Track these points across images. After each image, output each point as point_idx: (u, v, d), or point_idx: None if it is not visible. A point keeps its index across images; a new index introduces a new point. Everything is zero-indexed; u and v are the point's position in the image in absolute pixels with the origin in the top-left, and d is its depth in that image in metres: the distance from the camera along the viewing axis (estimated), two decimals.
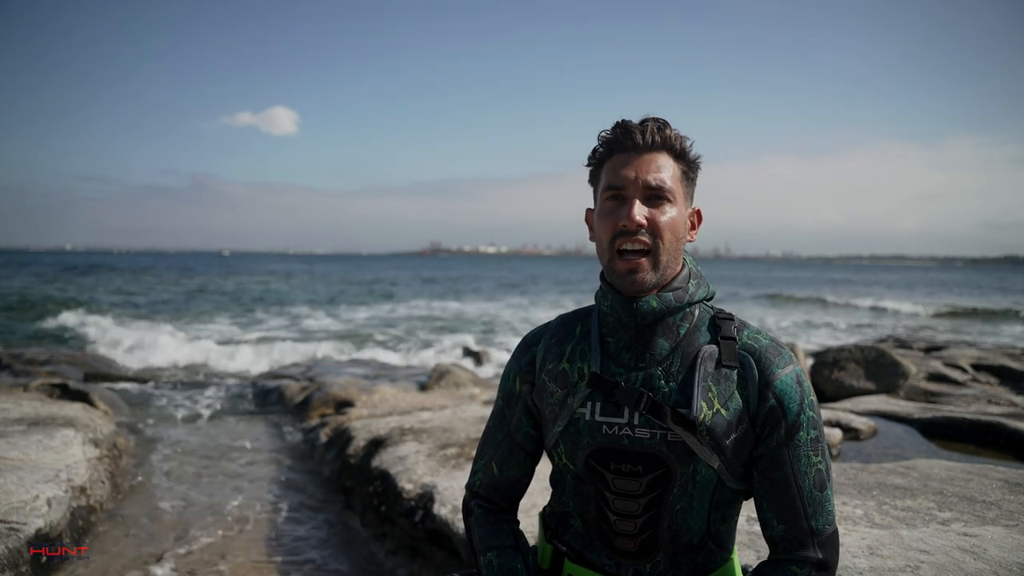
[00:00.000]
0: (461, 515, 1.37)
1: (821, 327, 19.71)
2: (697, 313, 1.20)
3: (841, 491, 2.70)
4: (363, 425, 4.71)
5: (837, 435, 4.04)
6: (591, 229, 1.24)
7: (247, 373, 9.93)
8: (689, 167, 1.19)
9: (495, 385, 7.34)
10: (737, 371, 1.15)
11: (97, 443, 4.21)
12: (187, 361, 10.94)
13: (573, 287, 43.23)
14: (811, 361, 7.03)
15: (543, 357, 1.28)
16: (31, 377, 7.19)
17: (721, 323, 1.19)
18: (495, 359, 11.61)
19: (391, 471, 3.63)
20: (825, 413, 4.63)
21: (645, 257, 1.14)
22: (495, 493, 1.35)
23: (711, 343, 1.17)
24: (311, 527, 3.70)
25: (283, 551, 3.35)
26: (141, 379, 8.67)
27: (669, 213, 1.15)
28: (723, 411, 1.12)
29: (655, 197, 1.14)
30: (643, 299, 1.15)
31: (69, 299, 22.95)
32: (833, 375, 6.40)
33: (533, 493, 2.58)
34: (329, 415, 5.66)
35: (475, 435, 4.15)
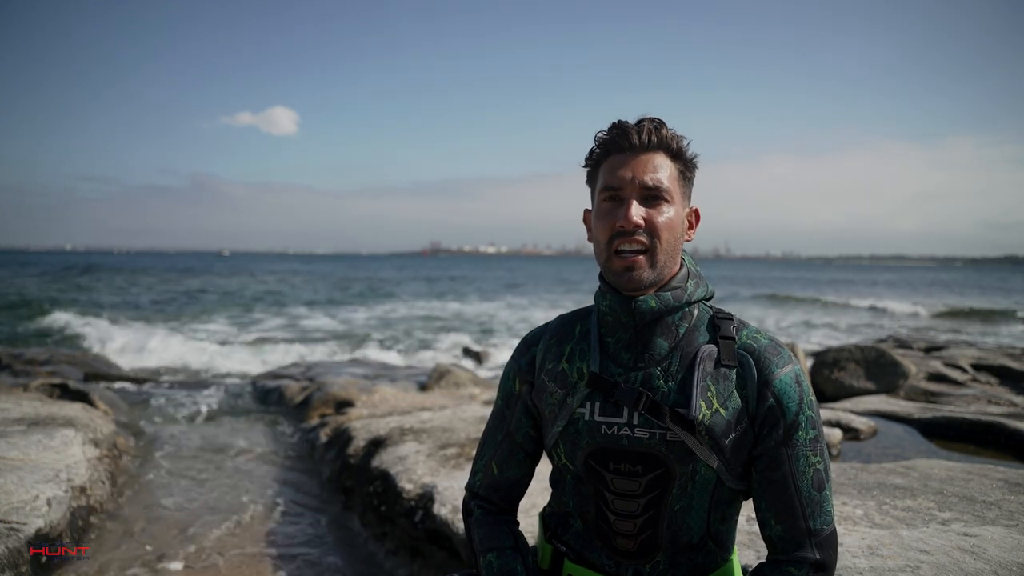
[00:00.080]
0: (461, 515, 1.37)
1: (821, 327, 19.72)
2: (696, 313, 1.21)
3: (841, 491, 2.70)
4: (363, 425, 4.71)
5: (837, 435, 4.03)
6: (589, 230, 1.24)
7: (247, 373, 9.93)
8: (686, 166, 1.19)
9: (495, 385, 7.34)
10: (736, 371, 1.15)
11: (97, 443, 4.21)
12: (187, 361, 10.94)
13: (573, 287, 43.22)
14: (811, 361, 7.02)
15: (542, 357, 1.28)
16: (31, 377, 7.19)
17: (720, 323, 1.19)
18: (495, 359, 11.61)
19: (391, 471, 3.63)
20: (825, 413, 4.62)
21: (643, 255, 1.14)
22: (495, 493, 1.35)
23: (710, 343, 1.17)
24: (311, 527, 3.70)
25: (283, 551, 3.35)
26: (141, 379, 8.67)
27: (666, 213, 1.15)
28: (722, 411, 1.12)
29: (652, 197, 1.14)
30: (641, 298, 1.15)
31: (68, 299, 22.96)
32: (833, 375, 6.40)
33: (533, 493, 2.58)
34: (329, 415, 5.66)
35: (475, 435, 4.15)
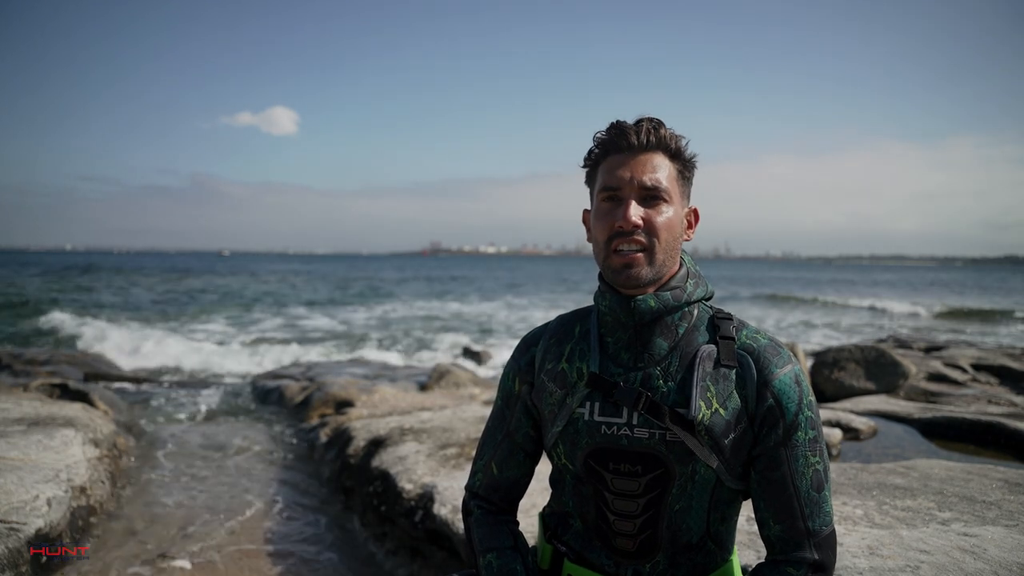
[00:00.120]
0: (461, 515, 1.37)
1: (821, 327, 19.72)
2: (696, 313, 1.20)
3: (841, 491, 2.70)
4: (363, 425, 4.71)
5: (837, 435, 4.03)
6: (588, 230, 1.24)
7: (246, 373, 9.93)
8: (685, 166, 1.19)
9: (495, 385, 7.34)
10: (736, 371, 1.15)
11: (97, 443, 4.21)
12: (186, 361, 10.94)
13: (573, 287, 43.22)
14: (811, 361, 7.02)
15: (542, 357, 1.28)
16: (31, 377, 7.18)
17: (720, 323, 1.19)
18: (495, 359, 11.61)
19: (391, 471, 3.63)
20: (825, 413, 4.62)
21: (641, 252, 1.14)
22: (494, 494, 1.35)
23: (710, 343, 1.17)
24: (311, 527, 3.70)
25: (283, 551, 3.35)
26: (141, 379, 8.68)
27: (665, 213, 1.15)
28: (721, 411, 1.12)
29: (651, 197, 1.14)
30: (641, 298, 1.15)
31: (68, 300, 22.95)
32: (833, 375, 6.40)
33: (533, 493, 2.58)
34: (329, 415, 5.66)
35: (475, 435, 4.15)
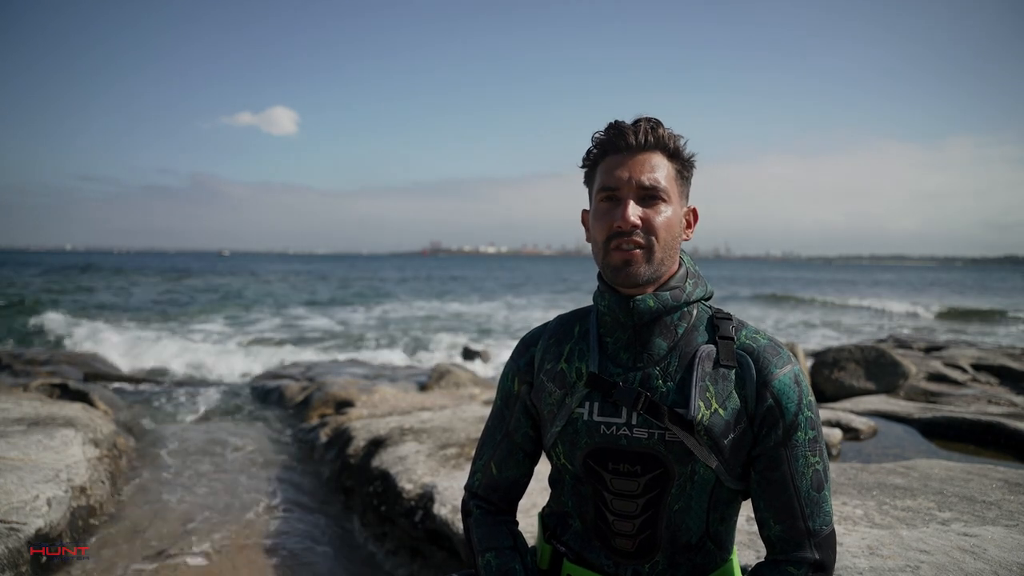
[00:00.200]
0: (460, 515, 1.37)
1: (821, 327, 19.72)
2: (695, 313, 1.20)
3: (841, 491, 2.70)
4: (363, 425, 4.71)
5: (837, 435, 4.03)
6: (587, 230, 1.24)
7: (246, 373, 9.93)
8: (683, 166, 1.19)
9: (495, 385, 7.33)
10: (735, 371, 1.15)
11: (97, 443, 4.20)
12: (186, 361, 10.94)
13: (573, 287, 43.23)
14: (811, 361, 7.02)
15: (541, 357, 1.28)
16: (31, 377, 7.19)
17: (719, 323, 1.19)
18: (495, 359, 11.61)
19: (391, 471, 3.63)
20: (825, 413, 4.62)
21: (640, 249, 1.14)
22: (494, 494, 1.35)
23: (709, 343, 1.17)
24: (311, 527, 3.70)
25: (282, 551, 3.35)
26: (140, 379, 8.68)
27: (664, 213, 1.15)
28: (721, 411, 1.12)
29: (649, 197, 1.14)
30: (640, 298, 1.15)
31: (68, 300, 22.96)
32: (833, 375, 6.40)
33: (532, 493, 2.58)
34: (329, 415, 5.66)
35: (475, 435, 4.15)
